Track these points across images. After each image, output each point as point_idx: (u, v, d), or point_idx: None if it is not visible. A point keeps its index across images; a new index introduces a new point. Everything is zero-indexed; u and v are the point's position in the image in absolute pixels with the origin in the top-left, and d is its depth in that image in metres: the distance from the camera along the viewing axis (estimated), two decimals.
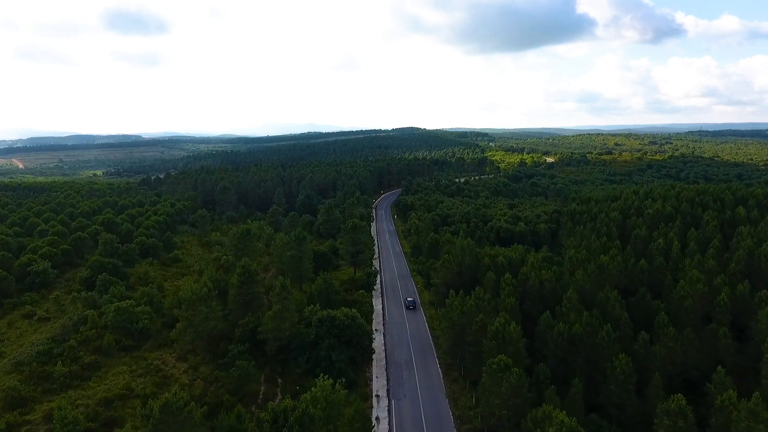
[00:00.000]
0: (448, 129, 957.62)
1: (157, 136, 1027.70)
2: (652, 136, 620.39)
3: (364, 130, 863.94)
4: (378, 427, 44.23)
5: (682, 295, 54.42)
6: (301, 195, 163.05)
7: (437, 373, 54.37)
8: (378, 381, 52.69)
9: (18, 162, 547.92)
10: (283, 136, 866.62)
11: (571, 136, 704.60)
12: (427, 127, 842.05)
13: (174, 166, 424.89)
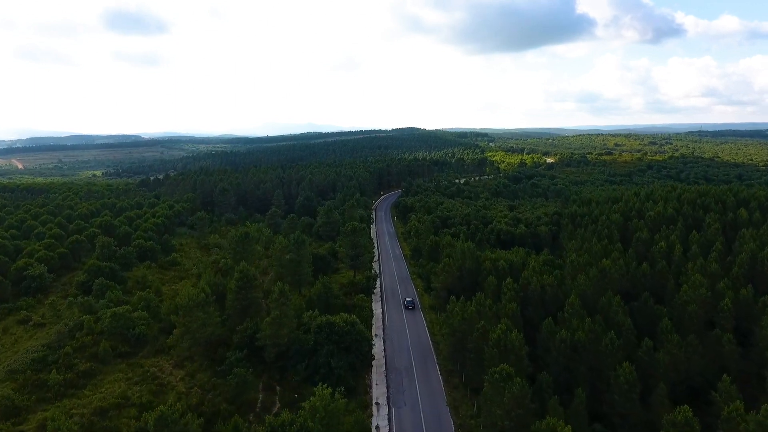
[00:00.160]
0: (448, 129, 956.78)
1: (157, 137, 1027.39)
2: (652, 136, 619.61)
3: (363, 130, 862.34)
4: None
5: (685, 300, 53.78)
6: (300, 196, 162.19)
7: (438, 379, 53.65)
8: (378, 388, 51.93)
9: (17, 162, 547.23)
10: (282, 136, 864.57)
11: (571, 136, 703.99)
12: (426, 128, 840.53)
13: (173, 166, 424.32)
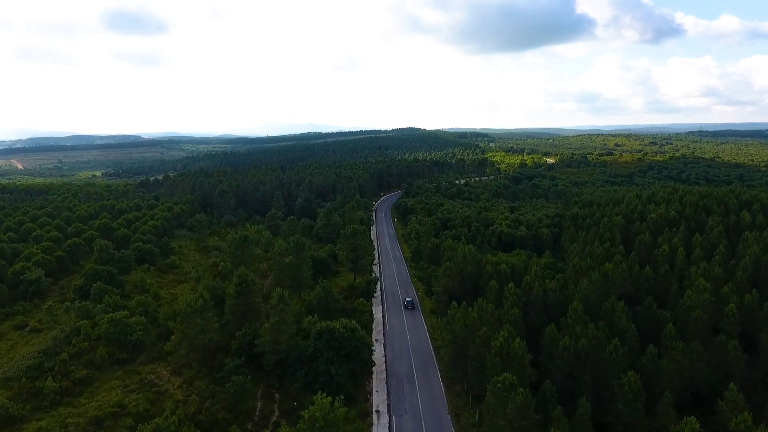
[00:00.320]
0: (448, 129, 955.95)
1: (157, 137, 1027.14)
2: (652, 136, 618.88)
3: (363, 130, 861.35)
4: None
5: (689, 305, 53.04)
6: (300, 198, 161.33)
7: (439, 386, 52.92)
8: (378, 395, 51.22)
9: (17, 163, 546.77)
10: (282, 136, 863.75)
11: (571, 136, 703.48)
12: (426, 128, 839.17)
13: (173, 167, 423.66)
